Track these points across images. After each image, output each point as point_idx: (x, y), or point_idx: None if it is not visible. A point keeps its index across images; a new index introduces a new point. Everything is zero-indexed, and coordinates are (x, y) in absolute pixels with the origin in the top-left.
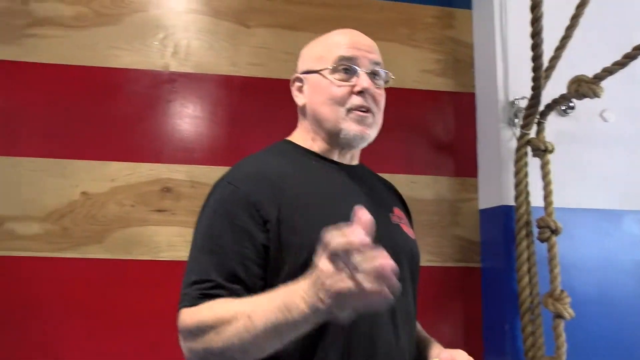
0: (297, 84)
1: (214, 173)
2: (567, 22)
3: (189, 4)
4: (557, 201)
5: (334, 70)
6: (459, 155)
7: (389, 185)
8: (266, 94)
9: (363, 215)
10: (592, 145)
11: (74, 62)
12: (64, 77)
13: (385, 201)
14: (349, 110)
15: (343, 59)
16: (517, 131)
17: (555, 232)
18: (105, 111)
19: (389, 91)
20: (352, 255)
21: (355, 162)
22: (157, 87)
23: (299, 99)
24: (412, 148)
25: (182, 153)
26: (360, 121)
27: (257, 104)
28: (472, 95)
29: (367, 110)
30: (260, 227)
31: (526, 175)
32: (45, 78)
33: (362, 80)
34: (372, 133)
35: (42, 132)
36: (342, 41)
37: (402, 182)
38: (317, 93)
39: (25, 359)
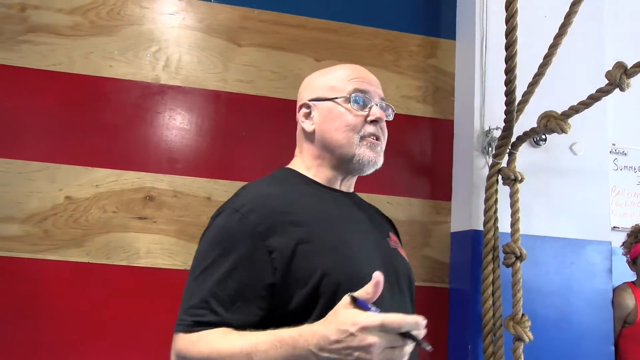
0: (304, 110)
1: (196, 184)
2: (540, 60)
3: (184, 21)
4: (525, 228)
5: (349, 100)
6: (434, 179)
7: (379, 212)
8: (252, 110)
9: (378, 277)
10: (561, 176)
11: (67, 70)
12: (56, 84)
13: (382, 227)
14: (362, 138)
15: (358, 91)
16: (490, 160)
17: (520, 258)
18: (95, 119)
19: None
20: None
21: (352, 190)
22: (147, 98)
23: (307, 124)
24: (390, 169)
25: (166, 163)
26: (373, 148)
27: (243, 120)
28: (450, 123)
29: (377, 138)
30: (266, 258)
31: (496, 202)
32: (37, 84)
33: (376, 111)
34: (381, 160)
35: (31, 136)
36: (355, 75)
37: (377, 201)
38: (331, 120)
39: None
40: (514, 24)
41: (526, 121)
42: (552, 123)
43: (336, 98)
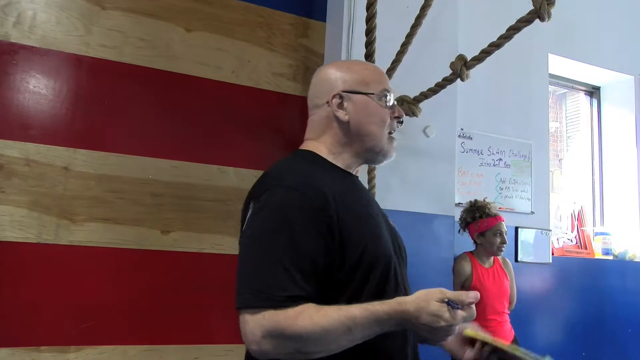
0: (337, 100)
1: (52, 153)
2: (398, 48)
3: None
4: (381, 203)
5: (381, 98)
6: None
7: None
8: (116, 77)
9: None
10: (414, 156)
11: None
12: None
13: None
14: (389, 133)
15: (386, 91)
16: None
17: None
18: None
19: (244, 89)
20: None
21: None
22: None
23: (341, 114)
24: (260, 144)
25: (18, 129)
26: (393, 144)
27: (107, 87)
28: None
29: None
30: (326, 228)
31: None
32: None
33: (401, 111)
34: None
35: None
36: (382, 75)
37: (247, 175)
38: (368, 114)
39: None
40: (373, 11)
41: None
42: (405, 106)
43: (372, 94)
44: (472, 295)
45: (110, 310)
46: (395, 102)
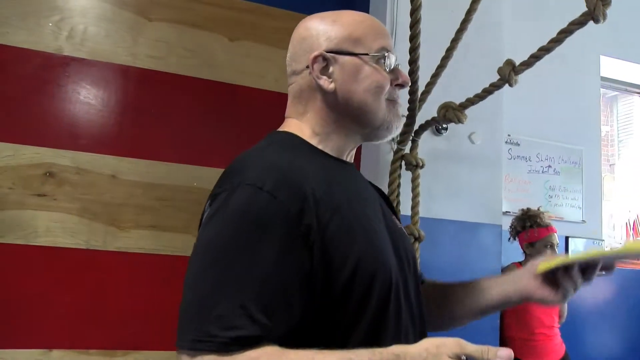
0: (319, 63)
1: (101, 161)
2: (443, 53)
3: None
4: (425, 211)
5: (378, 60)
6: None
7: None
8: (163, 87)
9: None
10: (459, 163)
11: None
12: None
13: (381, 202)
14: (388, 101)
15: (384, 49)
16: (395, 146)
17: (418, 239)
18: None
19: (287, 98)
20: None
21: (352, 160)
22: (48, 69)
23: (324, 82)
24: None
25: (69, 139)
26: (398, 113)
27: (153, 97)
28: None
29: (397, 103)
30: (303, 244)
31: (398, 186)
32: None
33: (405, 76)
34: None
35: None
36: (379, 28)
37: None
38: (359, 80)
39: None
40: (417, 17)
41: (429, 110)
42: (450, 113)
43: (365, 54)
44: (505, 355)
45: (156, 316)
46: (399, 65)
